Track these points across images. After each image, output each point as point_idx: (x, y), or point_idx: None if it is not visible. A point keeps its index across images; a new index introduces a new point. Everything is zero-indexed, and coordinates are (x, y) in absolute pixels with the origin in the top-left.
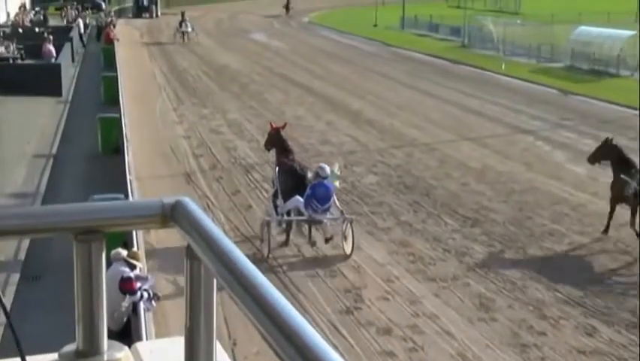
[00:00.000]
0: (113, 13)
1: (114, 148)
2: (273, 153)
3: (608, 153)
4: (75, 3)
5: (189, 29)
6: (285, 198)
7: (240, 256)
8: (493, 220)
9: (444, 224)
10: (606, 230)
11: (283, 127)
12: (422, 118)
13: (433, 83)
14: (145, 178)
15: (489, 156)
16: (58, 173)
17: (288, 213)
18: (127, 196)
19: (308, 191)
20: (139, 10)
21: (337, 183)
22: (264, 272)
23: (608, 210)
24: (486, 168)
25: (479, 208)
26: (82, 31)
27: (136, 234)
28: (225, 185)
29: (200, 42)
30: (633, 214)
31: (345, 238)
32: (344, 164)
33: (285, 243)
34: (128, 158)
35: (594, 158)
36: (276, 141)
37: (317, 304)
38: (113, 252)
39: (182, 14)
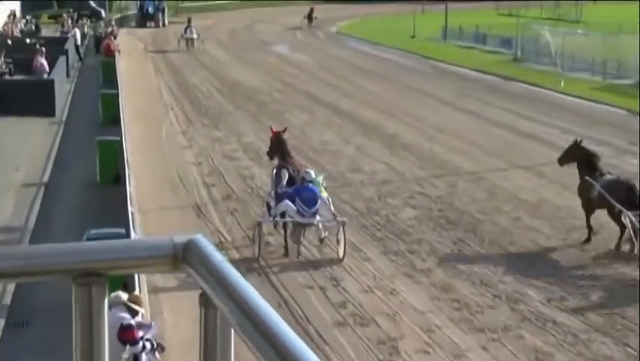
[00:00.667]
0: (113, 22)
1: (114, 176)
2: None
3: (575, 154)
4: (71, 10)
5: (194, 36)
6: (279, 201)
7: (261, 304)
8: (551, 262)
9: (493, 265)
10: (588, 239)
11: (284, 131)
12: (467, 142)
13: (479, 102)
14: (149, 211)
15: (545, 187)
16: (50, 204)
17: (283, 215)
18: (128, 232)
19: (290, 191)
20: (143, 19)
21: (324, 191)
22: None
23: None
24: (542, 201)
25: (534, 247)
26: (78, 42)
27: (138, 276)
28: (240, 218)
29: (206, 50)
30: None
31: (337, 241)
32: (377, 195)
33: (285, 252)
34: (130, 187)
35: (562, 159)
36: (277, 145)
37: (346, 358)
38: (111, 295)
39: (189, 20)
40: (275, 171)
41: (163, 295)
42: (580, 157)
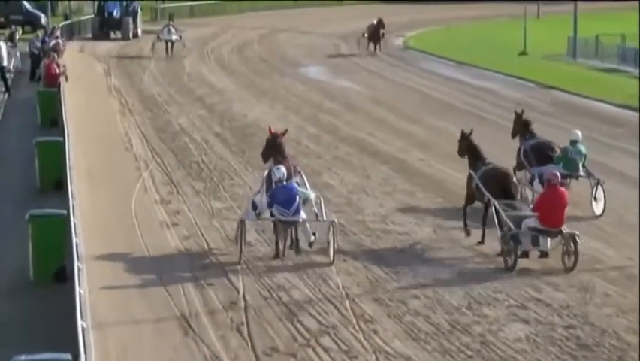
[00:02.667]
0: (59, 33)
1: (57, 270)
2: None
3: (461, 145)
4: None
5: (173, 37)
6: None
7: None
8: None
9: None
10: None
11: (284, 134)
12: (617, 224)
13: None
14: (110, 325)
15: None
16: None
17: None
18: (77, 358)
19: (267, 199)
20: (105, 27)
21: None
22: None
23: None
24: None
25: None
26: (3, 62)
27: None
28: (256, 339)
29: (201, 73)
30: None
31: (327, 243)
32: (467, 302)
33: (276, 255)
34: (80, 289)
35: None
36: (273, 148)
37: None
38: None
39: (170, 17)
40: (267, 172)
41: None
42: (465, 148)
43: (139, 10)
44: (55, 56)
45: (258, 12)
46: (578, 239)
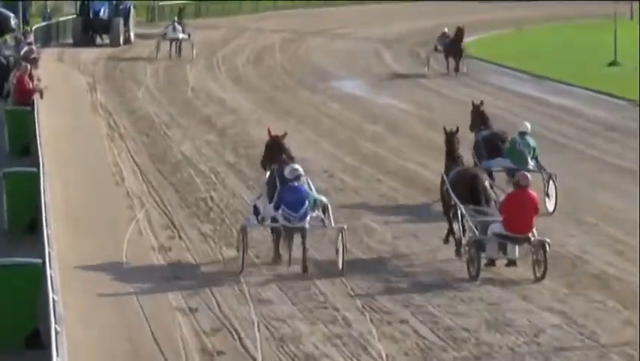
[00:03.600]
0: (32, 37)
1: (30, 332)
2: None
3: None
4: None
5: (180, 35)
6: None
7: None
8: None
9: None
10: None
11: (284, 136)
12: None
13: None
14: None
15: None
16: None
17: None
18: None
19: (275, 199)
20: (88, 30)
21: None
22: None
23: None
24: None
25: None
26: None
27: None
28: None
29: (209, 89)
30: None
31: (336, 251)
32: None
33: (276, 258)
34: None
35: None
36: (274, 153)
37: None
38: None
39: (180, 12)
40: (269, 173)
41: None
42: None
43: (132, 9)
44: (28, 66)
45: (278, 11)
46: (548, 247)
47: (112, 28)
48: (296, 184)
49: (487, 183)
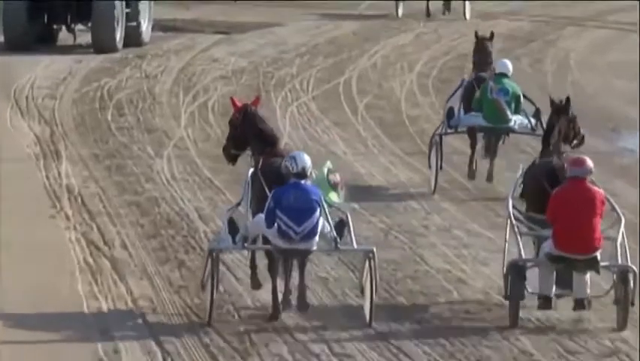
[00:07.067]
0: None
1: None
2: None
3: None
4: None
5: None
6: (256, 214)
7: None
8: None
9: None
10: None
11: (255, 103)
12: None
13: None
14: None
15: None
16: None
17: (254, 241)
18: None
19: (270, 202)
20: (42, 16)
21: (337, 197)
22: None
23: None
24: None
25: None
26: None
27: None
28: None
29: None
30: None
31: (362, 286)
32: None
33: (255, 285)
34: None
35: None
36: (245, 131)
37: None
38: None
39: None
40: (251, 172)
41: None
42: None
43: None
44: None
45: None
46: (632, 277)
47: (95, 10)
48: (302, 182)
49: None
